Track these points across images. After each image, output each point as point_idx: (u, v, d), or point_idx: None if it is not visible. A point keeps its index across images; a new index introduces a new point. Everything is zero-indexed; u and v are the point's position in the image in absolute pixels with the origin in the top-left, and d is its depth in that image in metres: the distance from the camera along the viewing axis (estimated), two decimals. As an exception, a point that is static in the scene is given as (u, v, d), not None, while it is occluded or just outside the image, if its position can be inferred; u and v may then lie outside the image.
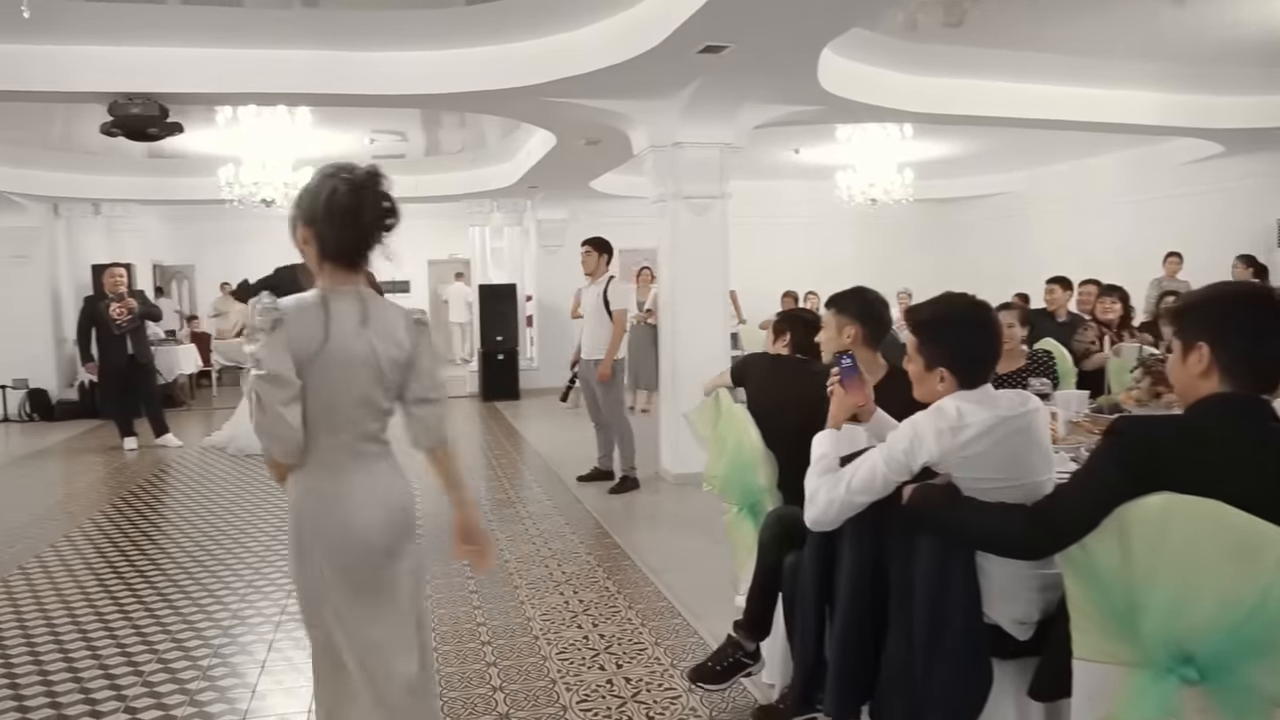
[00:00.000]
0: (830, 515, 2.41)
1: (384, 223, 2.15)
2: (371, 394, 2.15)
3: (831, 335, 3.16)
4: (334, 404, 2.11)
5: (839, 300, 3.20)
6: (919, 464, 2.29)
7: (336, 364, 2.09)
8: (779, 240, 13.62)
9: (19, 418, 11.54)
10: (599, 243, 6.72)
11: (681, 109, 6.37)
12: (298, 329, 2.06)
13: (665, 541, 5.30)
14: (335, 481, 2.16)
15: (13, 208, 11.39)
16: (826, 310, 3.20)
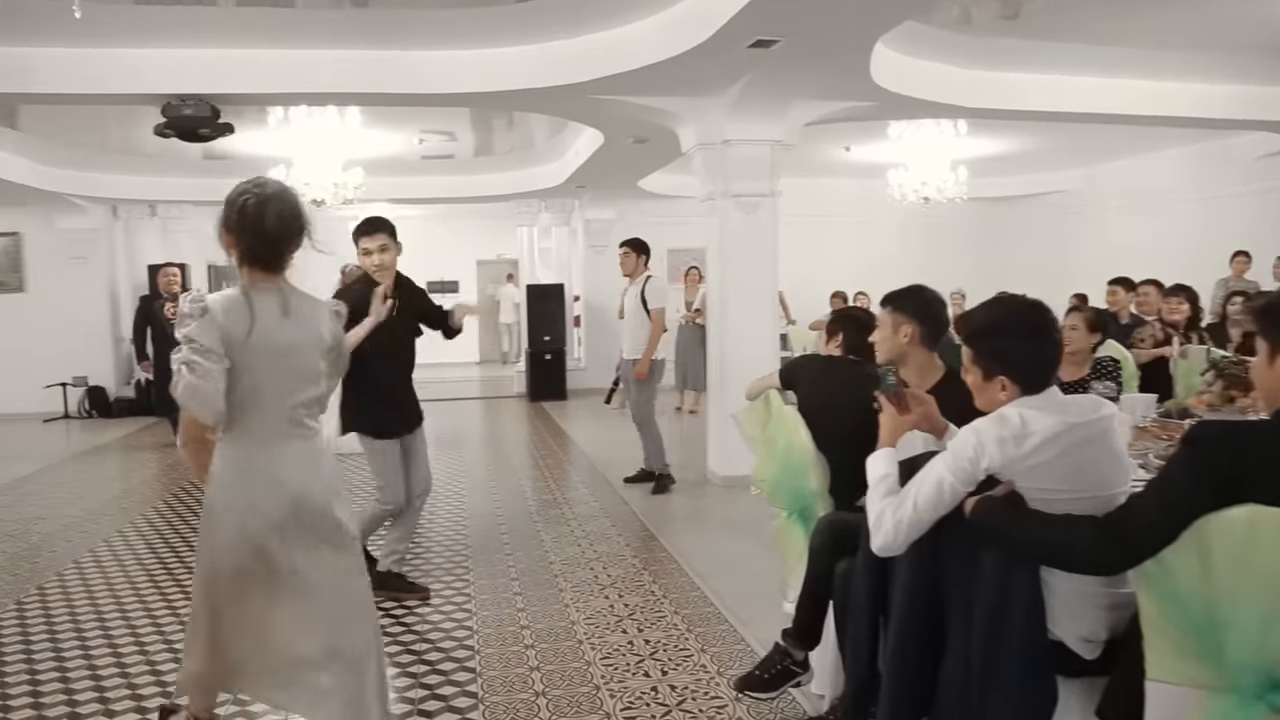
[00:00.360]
0: (900, 539, 2.28)
1: (289, 232, 2.39)
2: (294, 378, 2.41)
3: (887, 335, 3.04)
4: (258, 386, 2.35)
5: (895, 299, 3.07)
6: (984, 472, 2.19)
7: (261, 351, 2.34)
8: (828, 240, 13.43)
9: (78, 414, 11.80)
10: (636, 243, 6.72)
11: (730, 106, 6.27)
12: (226, 319, 2.31)
13: (712, 545, 5.21)
14: (256, 457, 2.38)
15: (73, 209, 11.65)
16: (882, 309, 3.08)
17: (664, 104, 6.44)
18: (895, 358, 2.99)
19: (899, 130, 9.36)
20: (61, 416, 11.74)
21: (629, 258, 6.68)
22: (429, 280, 19.99)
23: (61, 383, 11.78)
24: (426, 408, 4.63)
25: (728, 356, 6.65)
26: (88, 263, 12.07)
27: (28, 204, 11.30)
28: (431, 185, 12.28)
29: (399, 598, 4.36)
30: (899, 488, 2.32)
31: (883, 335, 3.06)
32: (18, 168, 10.09)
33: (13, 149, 9.85)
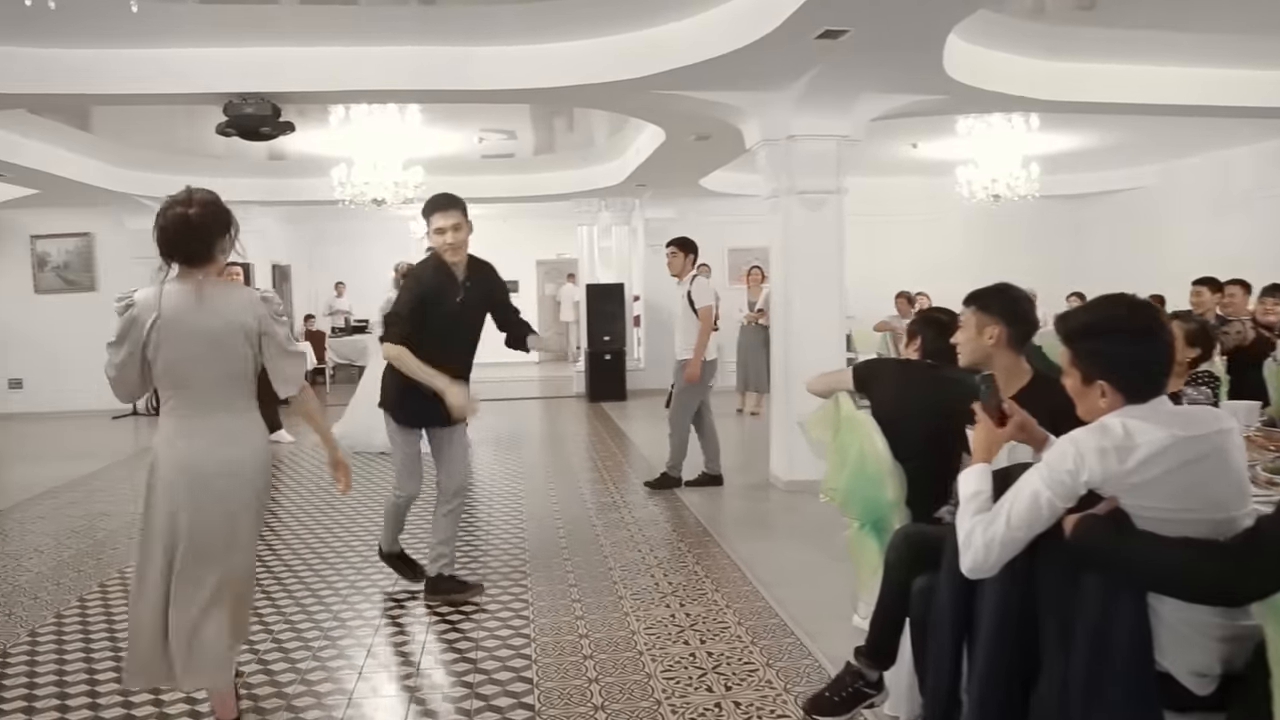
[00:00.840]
0: (991, 559, 2.10)
1: (198, 237, 2.74)
2: (211, 359, 2.75)
3: (971, 336, 2.84)
4: (175, 367, 2.73)
5: (981, 297, 2.87)
6: (1083, 486, 2.01)
7: (171, 335, 2.71)
8: (892, 238, 13.12)
9: (145, 411, 12.02)
10: (683, 242, 6.61)
11: (796, 100, 6.10)
12: (139, 310, 2.73)
13: (776, 553, 5.04)
14: (180, 429, 2.76)
15: (142, 210, 11.84)
16: (966, 308, 2.88)
17: (728, 99, 6.29)
18: (979, 361, 2.80)
19: (968, 126, 9.08)
20: (130, 414, 11.97)
21: (676, 257, 6.59)
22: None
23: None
24: (489, 406, 4.52)
25: (792, 358, 6.47)
26: (155, 262, 12.25)
27: (99, 205, 11.55)
28: (492, 184, 12.26)
29: (454, 600, 4.27)
30: (991, 505, 2.15)
31: (966, 336, 2.86)
32: (90, 169, 10.32)
33: (85, 151, 10.07)
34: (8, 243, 12.24)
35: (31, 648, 3.85)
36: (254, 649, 3.80)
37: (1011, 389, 2.75)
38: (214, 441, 2.76)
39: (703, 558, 4.96)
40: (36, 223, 12.13)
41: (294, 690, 3.44)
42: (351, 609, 4.33)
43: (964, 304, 2.91)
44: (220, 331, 2.75)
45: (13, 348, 12.28)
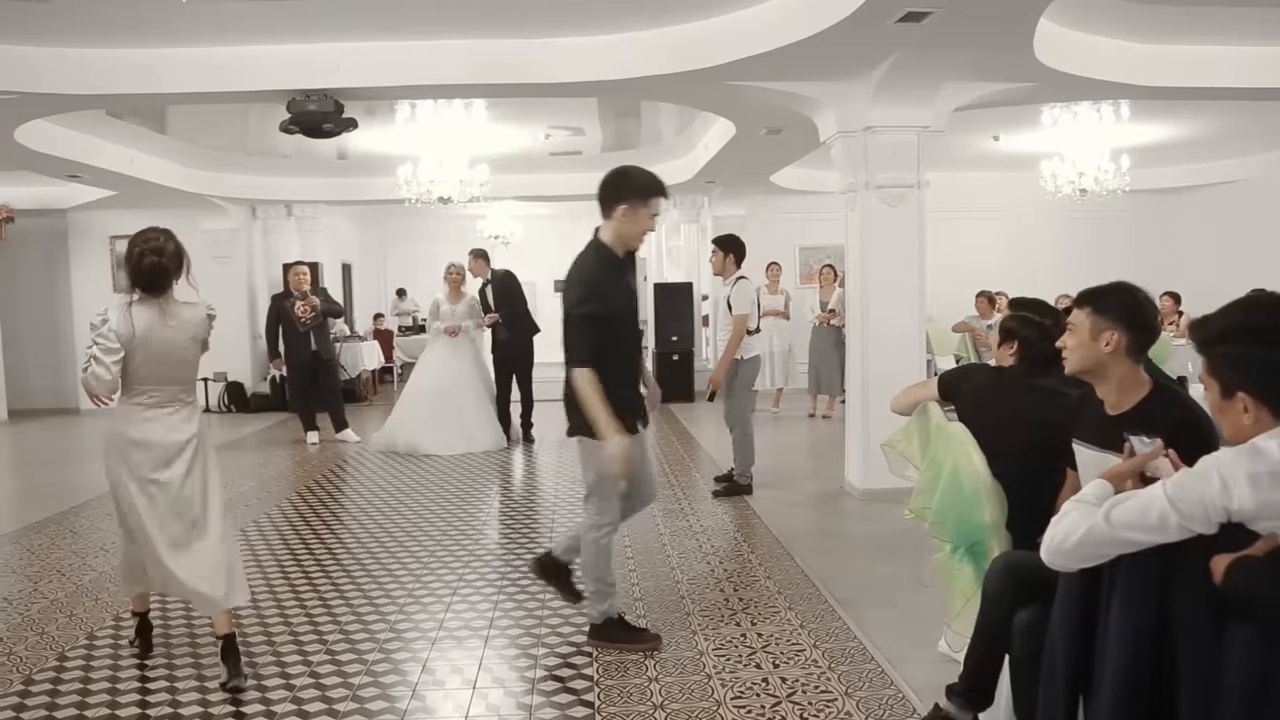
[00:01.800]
0: (1069, 546, 1.89)
1: (158, 273, 3.43)
2: (172, 365, 3.52)
3: (1084, 341, 2.51)
4: (140, 370, 3.44)
5: (1097, 298, 2.53)
6: (1227, 515, 1.72)
7: (142, 348, 3.40)
8: (971, 235, 12.60)
9: (217, 409, 12.19)
10: (725, 241, 6.45)
11: (874, 89, 5.79)
12: (118, 326, 3.37)
13: (854, 568, 4.75)
14: (136, 415, 3.49)
15: (215, 210, 12.02)
16: (1079, 310, 2.56)
17: (801, 89, 6.00)
18: (1090, 369, 2.51)
19: (1053, 116, 8.63)
20: (203, 411, 12.10)
21: (717, 256, 6.41)
22: (557, 278, 20.02)
23: (202, 378, 12.15)
24: (552, 409, 4.47)
25: (870, 361, 6.16)
26: (229, 262, 12.45)
27: (174, 206, 11.70)
28: (559, 182, 12.15)
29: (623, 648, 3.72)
30: None
31: (1078, 341, 2.53)
32: (166, 171, 10.46)
33: (162, 153, 10.20)
34: (89, 243, 12.50)
35: (88, 650, 3.81)
36: (322, 640, 3.73)
37: (1128, 402, 2.45)
38: (176, 423, 3.56)
39: (774, 572, 4.69)
40: (115, 223, 12.34)
41: (359, 681, 3.48)
42: (417, 602, 4.33)
43: (1076, 304, 2.59)
44: (180, 343, 3.53)
45: (92, 346, 12.52)
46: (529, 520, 5.89)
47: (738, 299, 6.26)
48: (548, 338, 4.41)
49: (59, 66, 5.96)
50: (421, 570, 4.86)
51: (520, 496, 6.75)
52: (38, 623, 4.19)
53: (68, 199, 11.53)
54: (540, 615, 4.16)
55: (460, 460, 8.11)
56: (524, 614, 4.18)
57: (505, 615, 4.17)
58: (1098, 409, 2.50)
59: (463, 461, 8.06)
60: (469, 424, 8.66)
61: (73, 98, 6.20)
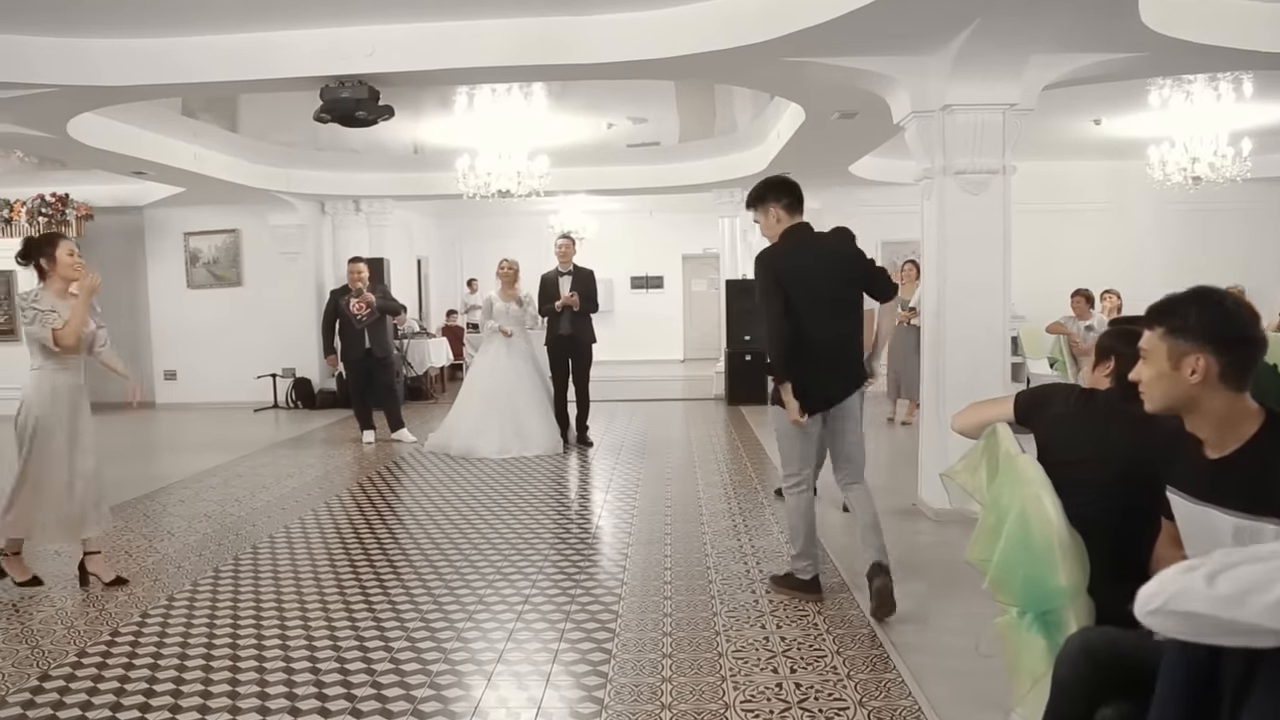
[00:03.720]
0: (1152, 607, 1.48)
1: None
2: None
3: (1161, 372, 1.93)
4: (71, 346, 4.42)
5: (1171, 312, 1.94)
6: None
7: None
8: (1067, 229, 11.72)
9: (285, 405, 12.15)
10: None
11: (952, 63, 5.17)
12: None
13: (918, 603, 4.18)
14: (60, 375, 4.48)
15: (285, 207, 11.99)
16: (1150, 331, 1.97)
17: (870, 64, 5.41)
18: (1178, 405, 1.93)
19: (1163, 96, 7.81)
20: (270, 406, 12.13)
21: None
22: (633, 275, 19.71)
23: (271, 374, 12.17)
24: (623, 408, 4.59)
25: (947, 366, 5.56)
26: (297, 258, 12.43)
27: (244, 202, 11.74)
28: (635, 175, 11.76)
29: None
30: None
31: (1155, 372, 1.95)
32: (236, 168, 10.43)
33: (232, 151, 10.16)
34: (164, 240, 12.63)
35: (137, 630, 3.84)
36: (358, 634, 3.38)
37: (1232, 440, 1.88)
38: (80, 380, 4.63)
39: (826, 606, 4.16)
40: (189, 220, 12.45)
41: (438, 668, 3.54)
42: (448, 596, 4.20)
43: (1146, 323, 1.99)
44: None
45: (168, 340, 12.69)
46: (567, 528, 5.49)
47: None
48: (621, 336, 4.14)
49: (97, 59, 5.82)
50: (451, 574, 4.56)
51: (565, 504, 6.34)
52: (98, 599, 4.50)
53: (143, 196, 11.64)
54: (567, 610, 4.14)
55: (513, 464, 7.77)
56: (552, 608, 4.23)
57: (534, 609, 4.22)
58: (1195, 450, 1.94)
59: (515, 466, 7.72)
60: (524, 427, 8.32)
61: (111, 90, 6.05)
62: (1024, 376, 10.49)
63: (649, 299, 18.72)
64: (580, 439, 8.67)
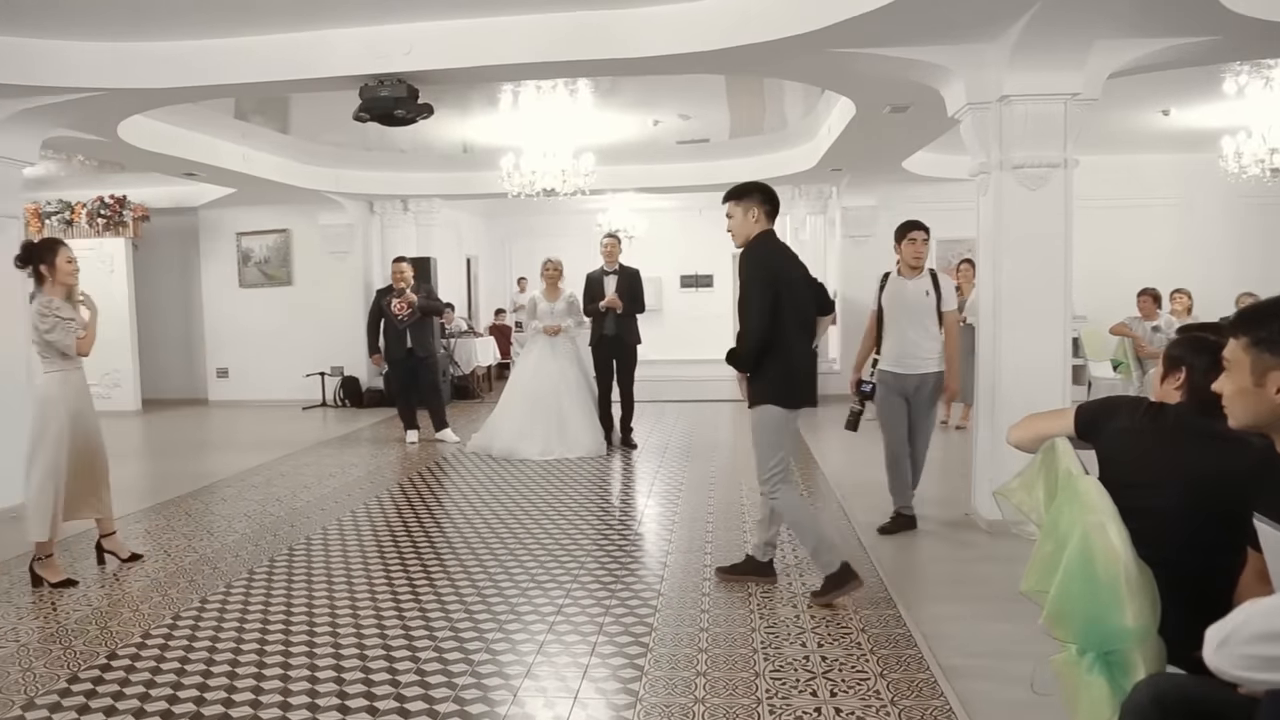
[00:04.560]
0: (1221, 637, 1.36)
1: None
2: None
3: (1244, 388, 1.71)
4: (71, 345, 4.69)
5: (1256, 322, 1.73)
6: None
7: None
8: (1136, 226, 11.25)
9: (333, 403, 12.20)
10: (925, 227, 5.44)
11: (1009, 51, 4.90)
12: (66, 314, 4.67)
13: (969, 624, 3.95)
14: (75, 374, 4.78)
15: (334, 207, 12.04)
16: (1234, 340, 1.75)
17: (921, 54, 5.16)
18: (1263, 422, 1.70)
19: (1239, 84, 7.40)
20: (319, 405, 12.19)
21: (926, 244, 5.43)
22: (682, 274, 19.52)
23: (320, 372, 12.24)
24: (670, 409, 4.80)
25: (1002, 370, 5.29)
26: (346, 257, 12.48)
27: (295, 202, 11.81)
28: (684, 172, 11.58)
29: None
30: None
31: (1236, 387, 1.74)
32: (286, 169, 10.49)
33: (282, 151, 10.21)
34: (217, 240, 12.77)
35: (167, 632, 3.66)
36: (393, 626, 3.32)
37: None
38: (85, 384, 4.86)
39: (871, 623, 3.95)
40: (241, 220, 12.57)
41: (463, 681, 3.48)
42: (486, 596, 4.23)
43: (1232, 333, 1.77)
44: None
45: (220, 339, 12.83)
46: (606, 534, 5.33)
47: (948, 293, 5.37)
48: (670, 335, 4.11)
49: (141, 62, 5.84)
50: (484, 581, 4.42)
51: (605, 509, 6.19)
52: (133, 599, 4.51)
53: (198, 197, 11.78)
54: (600, 621, 4.04)
55: (555, 466, 7.65)
56: (592, 602, 4.28)
57: (574, 603, 4.27)
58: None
59: (557, 468, 7.60)
60: (567, 428, 8.19)
61: (154, 92, 6.06)
62: (1085, 379, 10.08)
63: (698, 298, 18.53)
64: (624, 441, 8.52)
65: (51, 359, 4.66)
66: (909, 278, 5.38)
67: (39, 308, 4.59)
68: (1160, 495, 2.01)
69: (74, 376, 4.74)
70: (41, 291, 4.65)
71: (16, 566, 5.06)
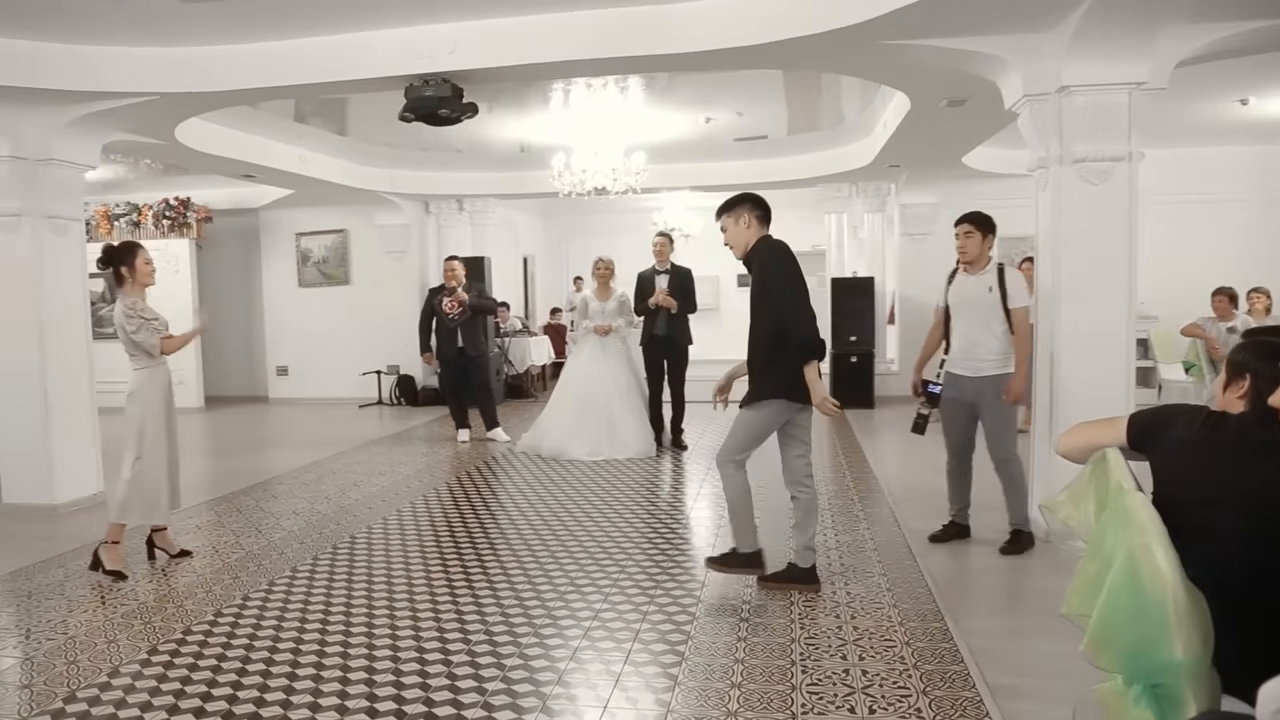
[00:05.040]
0: None
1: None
2: None
3: None
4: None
5: None
6: None
7: None
8: (1207, 221, 10.77)
9: (389, 402, 12.33)
10: (982, 220, 5.12)
11: (1069, 39, 4.68)
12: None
13: (1020, 640, 3.77)
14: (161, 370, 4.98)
15: (390, 207, 12.15)
16: None
17: (976, 45, 4.96)
18: None
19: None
20: (375, 403, 12.32)
21: (973, 238, 5.09)
22: (739, 273, 19.29)
23: (376, 370, 12.37)
24: (725, 410, 4.65)
25: (1060, 373, 5.07)
26: (403, 256, 12.59)
27: (352, 203, 11.95)
28: (733, 170, 11.44)
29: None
30: None
31: None
32: (343, 170, 10.61)
33: (338, 153, 10.33)
34: (277, 240, 12.99)
35: (208, 629, 3.67)
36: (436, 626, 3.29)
37: None
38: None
39: (916, 636, 3.80)
40: (300, 220, 12.77)
41: (493, 687, 3.30)
42: (518, 600, 4.19)
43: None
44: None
45: (280, 337, 13.05)
46: (649, 537, 5.25)
47: (1017, 289, 4.97)
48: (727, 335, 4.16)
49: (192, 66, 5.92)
50: (524, 584, 4.37)
51: (649, 512, 6.10)
52: (177, 595, 4.48)
53: (258, 198, 11.98)
54: (637, 628, 3.96)
55: (603, 467, 7.60)
56: (630, 608, 4.21)
57: (612, 609, 4.22)
58: None
59: (606, 469, 7.54)
60: (617, 429, 8.13)
61: (205, 95, 6.13)
62: (1155, 382, 9.71)
63: (752, 297, 18.29)
64: (675, 442, 8.43)
65: (139, 357, 4.88)
66: (971, 273, 5.14)
67: (124, 309, 4.79)
68: (1218, 512, 1.86)
69: (160, 373, 4.95)
70: (123, 293, 4.86)
71: (72, 559, 5.19)
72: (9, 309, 6.37)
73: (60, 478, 6.44)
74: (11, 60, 5.63)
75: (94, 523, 6.05)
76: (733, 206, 4.45)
